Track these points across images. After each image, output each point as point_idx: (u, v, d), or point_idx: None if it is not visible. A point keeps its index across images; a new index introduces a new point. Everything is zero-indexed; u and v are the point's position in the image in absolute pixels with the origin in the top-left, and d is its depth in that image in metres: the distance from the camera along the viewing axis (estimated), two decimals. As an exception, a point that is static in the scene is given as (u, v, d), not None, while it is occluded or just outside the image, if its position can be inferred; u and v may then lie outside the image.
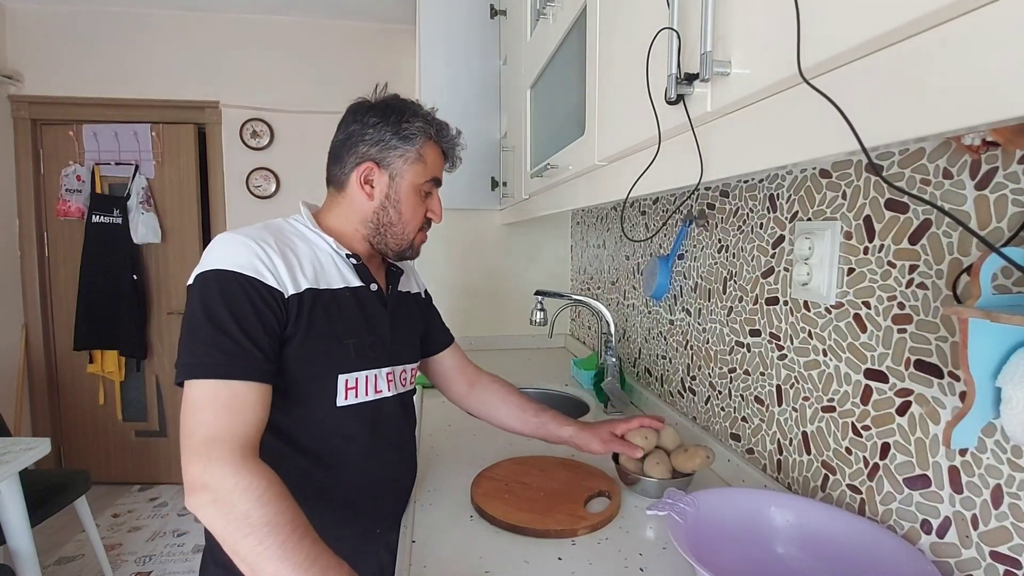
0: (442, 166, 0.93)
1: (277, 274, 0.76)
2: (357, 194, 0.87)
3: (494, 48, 2.05)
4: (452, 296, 2.17)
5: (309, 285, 0.79)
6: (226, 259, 0.73)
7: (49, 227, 3.02)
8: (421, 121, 0.87)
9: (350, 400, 0.83)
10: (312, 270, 0.81)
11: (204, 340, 0.69)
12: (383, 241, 0.89)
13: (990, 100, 0.27)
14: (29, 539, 1.67)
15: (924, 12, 0.29)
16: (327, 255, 0.85)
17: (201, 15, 2.95)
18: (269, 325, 0.74)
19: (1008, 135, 0.44)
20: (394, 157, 0.86)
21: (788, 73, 0.39)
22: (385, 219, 0.88)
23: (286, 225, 0.86)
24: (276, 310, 0.75)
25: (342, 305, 0.82)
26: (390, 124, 0.85)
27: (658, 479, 0.93)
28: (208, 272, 0.73)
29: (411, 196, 0.88)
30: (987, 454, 0.56)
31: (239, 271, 0.73)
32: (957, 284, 0.59)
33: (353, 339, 0.83)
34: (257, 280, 0.73)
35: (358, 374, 0.84)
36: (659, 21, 0.56)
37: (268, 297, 0.74)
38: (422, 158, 0.87)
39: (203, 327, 0.70)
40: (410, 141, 0.86)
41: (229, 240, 0.76)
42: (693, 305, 1.19)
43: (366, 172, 0.86)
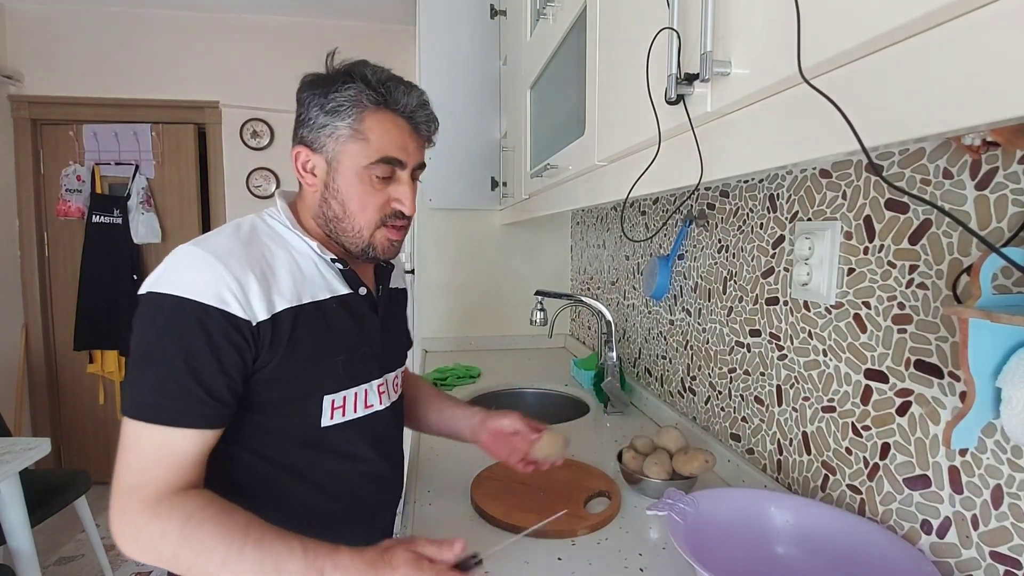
0: (404, 141, 0.73)
1: (246, 299, 0.66)
2: (304, 185, 0.76)
3: (494, 48, 2.05)
4: (452, 296, 2.17)
5: (287, 304, 0.69)
6: (185, 284, 0.64)
7: (49, 227, 3.03)
8: (354, 87, 0.70)
9: (336, 419, 0.75)
10: (291, 283, 0.71)
11: (146, 377, 0.62)
12: (338, 239, 0.77)
13: (990, 100, 0.27)
14: (29, 539, 1.67)
15: (924, 12, 0.29)
16: (309, 260, 0.75)
17: (201, 15, 2.95)
18: (230, 362, 0.65)
19: (1008, 135, 0.44)
20: (324, 137, 0.72)
21: (788, 73, 0.39)
22: (329, 212, 0.75)
23: (261, 225, 0.75)
24: (240, 343, 0.65)
25: (329, 318, 0.74)
26: (316, 97, 0.71)
27: (658, 480, 0.93)
28: (163, 297, 0.63)
29: (356, 184, 0.72)
30: (987, 454, 0.56)
31: (199, 300, 0.63)
32: (957, 284, 0.59)
33: (342, 355, 0.75)
34: (218, 310, 0.64)
35: (346, 392, 0.76)
36: (659, 21, 0.56)
37: (230, 330, 0.64)
38: (360, 134, 0.71)
39: (148, 362, 0.63)
40: (338, 115, 0.70)
41: (192, 259, 0.65)
42: (693, 305, 1.19)
43: (302, 158, 0.74)
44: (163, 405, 0.62)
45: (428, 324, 2.17)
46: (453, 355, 2.05)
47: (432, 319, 2.17)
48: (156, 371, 0.62)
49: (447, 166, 2.07)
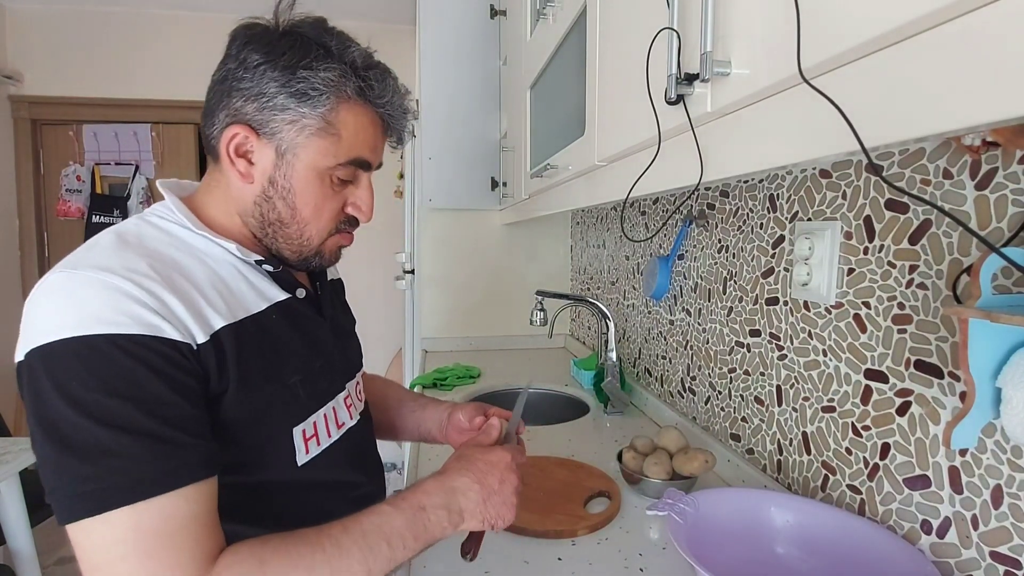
0: (376, 141, 0.62)
1: (175, 318, 0.50)
2: (230, 172, 0.59)
3: (494, 48, 2.05)
4: (452, 296, 2.17)
5: (224, 322, 0.54)
6: (82, 318, 0.46)
7: (49, 227, 3.03)
8: (333, 69, 0.56)
9: (312, 452, 0.62)
10: (219, 296, 0.55)
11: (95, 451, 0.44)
12: (274, 244, 0.62)
13: (990, 100, 0.27)
14: (29, 539, 1.67)
15: (924, 12, 0.29)
16: (228, 267, 0.59)
17: (201, 15, 2.95)
18: (190, 394, 0.50)
19: (1008, 135, 0.44)
20: (281, 123, 0.56)
21: (788, 73, 0.39)
22: (272, 215, 0.60)
23: (150, 231, 0.57)
24: (192, 369, 0.51)
25: (273, 334, 0.59)
26: (278, 69, 0.55)
27: (658, 480, 0.93)
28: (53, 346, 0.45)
29: (312, 185, 0.59)
30: (987, 454, 0.56)
31: (114, 332, 0.46)
32: (957, 284, 0.59)
33: (298, 375, 0.61)
34: (149, 338, 0.48)
35: (315, 417, 0.63)
36: (659, 21, 0.56)
37: (175, 356, 0.49)
38: (331, 128, 0.57)
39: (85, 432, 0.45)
40: (309, 100, 0.55)
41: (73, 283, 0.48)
42: (693, 305, 1.19)
43: (236, 140, 0.57)
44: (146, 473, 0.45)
45: (428, 324, 2.17)
46: (453, 355, 2.05)
47: (432, 319, 2.17)
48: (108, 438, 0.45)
49: (447, 166, 2.07)
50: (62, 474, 0.45)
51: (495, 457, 0.62)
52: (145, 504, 0.45)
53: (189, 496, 0.47)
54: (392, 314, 3.24)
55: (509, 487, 0.61)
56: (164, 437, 0.47)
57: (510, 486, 0.61)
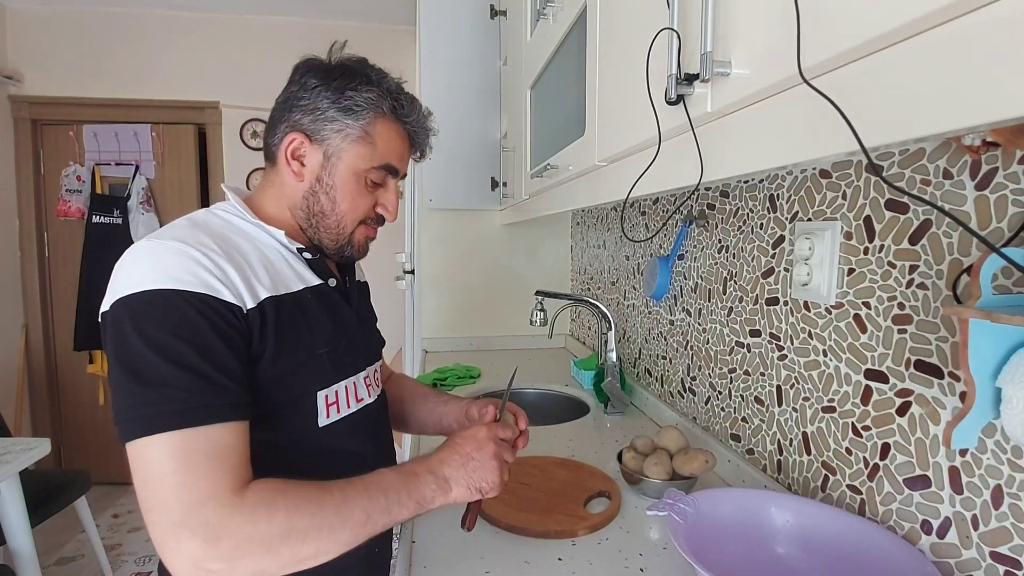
0: (403, 152, 0.76)
1: (232, 285, 0.61)
2: (285, 171, 0.73)
3: (494, 48, 2.05)
4: (452, 296, 2.17)
5: (268, 293, 0.65)
6: (160, 276, 0.57)
7: (49, 227, 3.03)
8: (373, 91, 0.71)
9: (332, 417, 0.72)
10: (266, 273, 0.67)
11: (158, 382, 0.55)
12: (316, 234, 0.75)
13: (990, 100, 0.27)
14: (29, 539, 1.67)
15: (924, 12, 0.29)
16: (275, 251, 0.71)
17: (201, 15, 2.95)
18: (237, 348, 0.61)
19: (1008, 135, 0.44)
20: (331, 132, 0.71)
21: (788, 73, 0.39)
22: (316, 207, 0.73)
23: (214, 219, 0.69)
24: (241, 330, 0.61)
25: (307, 310, 0.70)
26: (331, 90, 0.70)
27: (658, 480, 0.93)
28: (137, 296, 0.57)
29: (350, 183, 0.72)
30: (987, 454, 0.56)
31: (185, 288, 0.57)
32: (957, 284, 0.59)
33: (325, 348, 0.71)
34: (211, 297, 0.59)
35: (337, 386, 0.72)
36: (659, 21, 0.56)
37: (230, 316, 0.60)
38: (369, 138, 0.71)
39: (154, 366, 0.55)
40: (353, 114, 0.70)
41: (157, 250, 0.59)
42: (693, 305, 1.19)
43: (294, 145, 0.71)
44: (199, 404, 0.55)
45: (428, 324, 2.17)
46: (453, 355, 2.05)
47: (432, 319, 2.17)
48: (170, 372, 0.55)
49: (447, 166, 2.07)
50: (132, 399, 0.55)
51: (472, 431, 0.73)
52: (195, 429, 0.54)
53: (230, 429, 0.57)
54: (392, 314, 3.24)
55: (485, 452, 0.70)
56: (213, 378, 0.57)
57: (486, 451, 0.70)
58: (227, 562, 0.52)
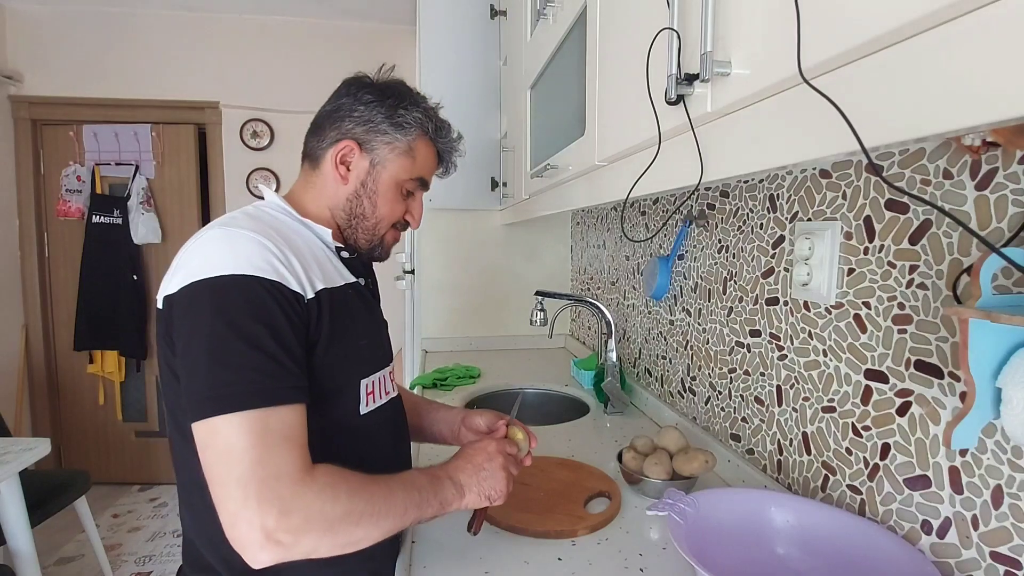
0: (433, 168, 0.86)
1: (297, 275, 0.66)
2: (330, 174, 0.78)
3: (494, 48, 2.05)
4: (452, 296, 2.17)
5: (322, 285, 0.70)
6: (240, 261, 0.62)
7: (49, 227, 3.03)
8: (420, 112, 0.80)
9: (370, 406, 0.77)
10: (317, 267, 0.72)
11: (237, 364, 0.58)
12: (353, 234, 0.81)
13: (990, 100, 0.27)
14: (29, 539, 1.67)
15: (924, 12, 0.29)
16: (320, 249, 0.76)
17: (201, 15, 2.95)
18: (301, 336, 0.65)
19: (1008, 135, 0.44)
20: (380, 143, 0.78)
21: (788, 73, 0.39)
22: (359, 209, 0.79)
23: (266, 215, 0.74)
24: (305, 317, 0.66)
25: (349, 305, 0.75)
26: (385, 106, 0.78)
27: (658, 480, 0.93)
28: (222, 279, 0.60)
29: (391, 190, 0.80)
30: (987, 454, 0.56)
31: (261, 275, 0.62)
32: (957, 284, 0.59)
33: (365, 338, 0.77)
34: (282, 285, 0.63)
35: (374, 376, 0.78)
36: (659, 21, 0.56)
37: (296, 304, 0.65)
38: (412, 152, 0.80)
39: (233, 347, 0.58)
40: (403, 130, 0.78)
41: (234, 237, 0.64)
42: (693, 305, 1.19)
43: (344, 151, 0.77)
44: (275, 386, 0.59)
45: (428, 324, 2.17)
46: (453, 355, 2.05)
47: (432, 319, 2.17)
48: (250, 355, 0.59)
49: (447, 166, 2.06)
50: (208, 378, 0.58)
51: (483, 443, 0.78)
52: (271, 409, 0.58)
53: (298, 411, 0.61)
54: (392, 314, 3.24)
55: (495, 463, 0.74)
56: (284, 362, 0.61)
57: (496, 463, 0.74)
58: (294, 535, 0.56)
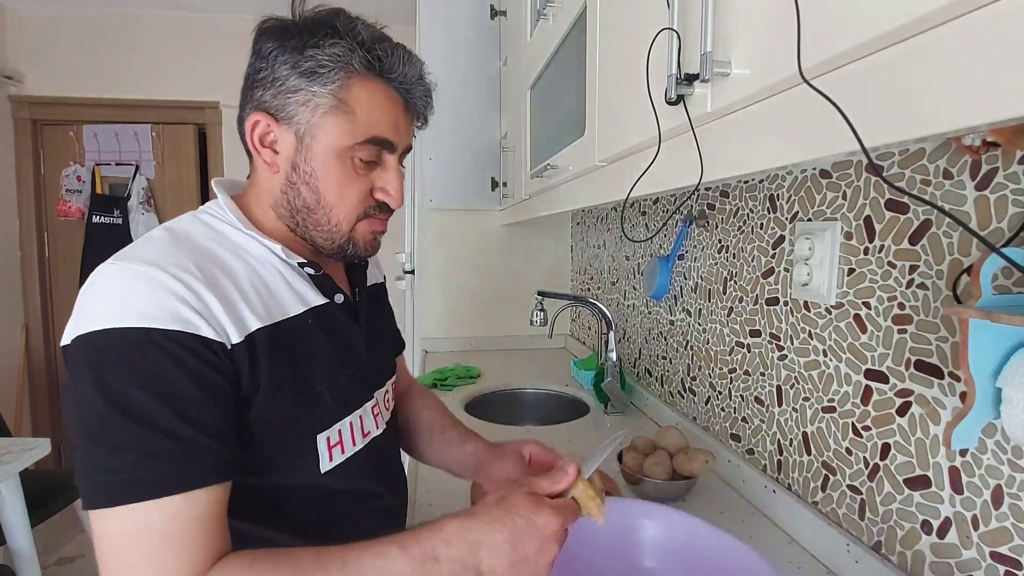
0: (396, 119, 0.60)
1: (212, 316, 0.51)
2: (258, 163, 0.61)
3: (494, 48, 2.05)
4: (452, 296, 2.17)
5: (259, 323, 0.55)
6: (125, 311, 0.48)
7: (49, 227, 3.03)
8: (340, 45, 0.55)
9: (336, 460, 0.62)
10: (258, 298, 0.56)
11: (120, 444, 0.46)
12: (307, 234, 0.62)
13: (990, 100, 0.27)
14: (29, 539, 1.67)
15: (924, 12, 0.29)
16: (271, 267, 0.60)
17: (201, 15, 2.95)
18: (218, 392, 0.51)
19: (1008, 136, 0.44)
20: (296, 105, 0.56)
21: (788, 73, 0.39)
22: (298, 201, 0.60)
23: (200, 229, 0.58)
24: (224, 368, 0.51)
25: (307, 340, 0.60)
26: (288, 51, 0.55)
27: (658, 480, 0.93)
28: (97, 336, 0.47)
29: (333, 166, 0.58)
30: (987, 455, 0.56)
31: (154, 326, 0.48)
32: (957, 284, 0.59)
33: (327, 380, 0.61)
34: (186, 335, 0.49)
35: (340, 425, 0.62)
36: (659, 21, 0.56)
37: (208, 355, 0.50)
38: (344, 106, 0.57)
39: (112, 426, 0.46)
40: (317, 78, 0.55)
41: (123, 277, 0.50)
42: (693, 305, 1.19)
43: (259, 129, 0.59)
44: (161, 470, 0.47)
45: (428, 324, 2.17)
46: (453, 355, 2.05)
47: (432, 319, 2.17)
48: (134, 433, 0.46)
49: (447, 166, 2.07)
50: (86, 460, 0.47)
51: (543, 520, 0.50)
52: (153, 503, 0.46)
53: (198, 498, 0.48)
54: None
55: (544, 559, 0.50)
56: (183, 436, 0.48)
57: (546, 558, 0.50)
58: None
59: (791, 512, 0.85)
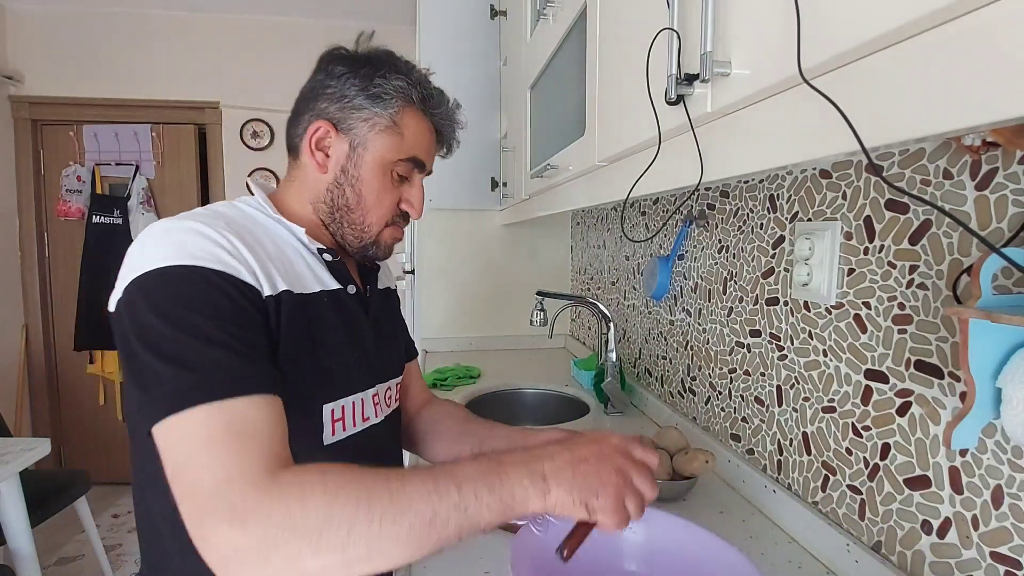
0: (430, 146, 0.73)
1: (251, 269, 0.58)
2: (309, 164, 0.69)
3: (494, 48, 2.05)
4: (452, 296, 2.17)
5: (285, 286, 0.61)
6: (175, 253, 0.54)
7: (49, 227, 3.03)
8: (402, 80, 0.68)
9: (338, 435, 0.66)
10: (283, 268, 0.63)
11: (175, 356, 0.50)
12: (340, 230, 0.71)
13: (990, 100, 0.27)
14: (29, 539, 1.67)
15: (924, 12, 0.29)
16: (294, 250, 0.67)
17: (201, 16, 2.95)
18: (260, 329, 0.57)
19: (1008, 135, 0.44)
20: (357, 120, 0.68)
21: (788, 74, 0.39)
22: (340, 200, 0.69)
23: (234, 211, 0.65)
24: (262, 310, 0.58)
25: (320, 315, 0.66)
26: (359, 77, 0.67)
27: (658, 480, 0.93)
28: (150, 274, 0.53)
29: (377, 175, 0.69)
30: (987, 455, 0.56)
31: (201, 264, 0.54)
32: (957, 284, 0.59)
33: (336, 358, 0.66)
34: (230, 275, 0.55)
35: (344, 401, 0.67)
36: (659, 21, 0.56)
37: (250, 294, 0.57)
38: (397, 128, 0.68)
39: (169, 339, 0.51)
40: (380, 102, 0.67)
41: (171, 230, 0.56)
42: (693, 305, 1.19)
43: (318, 134, 0.68)
44: (224, 376, 0.50)
45: (428, 324, 2.17)
46: (453, 355, 2.05)
47: (432, 319, 2.17)
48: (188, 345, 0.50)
49: (447, 166, 2.04)
50: (152, 377, 0.50)
51: (598, 435, 0.57)
52: (219, 403, 0.49)
53: (259, 404, 0.51)
54: (392, 314, 3.24)
55: (609, 464, 0.53)
56: (236, 349, 0.52)
57: (610, 463, 0.53)
58: (258, 552, 0.44)
59: (791, 512, 0.85)
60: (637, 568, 0.68)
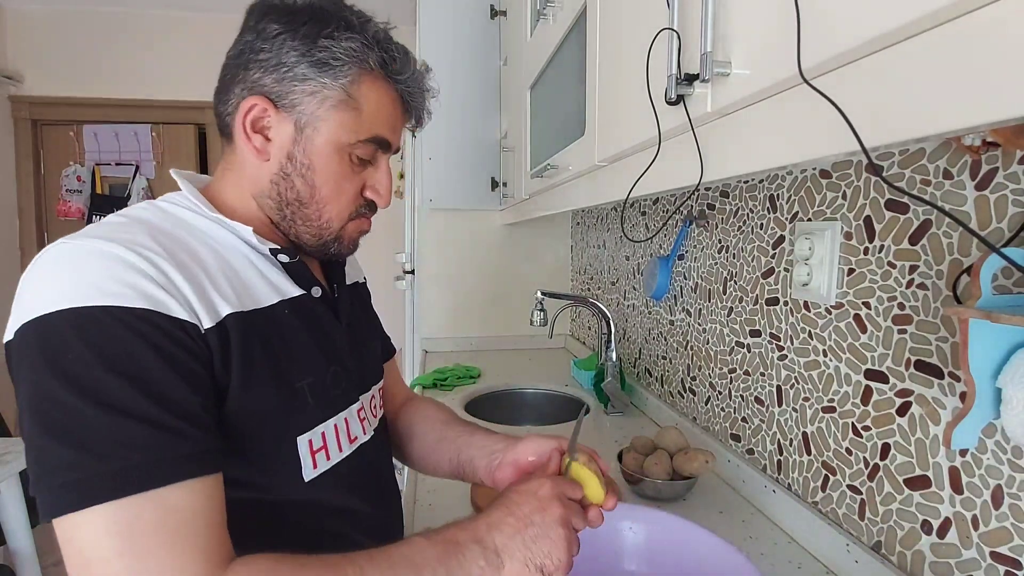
0: (395, 120, 0.59)
1: (181, 297, 0.46)
2: (245, 149, 0.56)
3: (494, 48, 2.05)
4: (452, 296, 2.17)
5: (230, 308, 0.49)
6: (82, 289, 0.42)
7: (49, 227, 3.03)
8: (355, 39, 0.53)
9: (321, 467, 0.56)
10: (228, 284, 0.51)
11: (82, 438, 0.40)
12: (293, 228, 0.58)
13: (990, 100, 0.27)
14: (29, 539, 1.67)
15: (924, 12, 0.29)
16: (240, 256, 0.55)
17: (201, 16, 2.95)
18: (196, 378, 0.45)
19: (1008, 135, 0.44)
20: (301, 94, 0.54)
21: (788, 74, 0.39)
22: (290, 194, 0.56)
23: (158, 214, 0.52)
24: (200, 353, 0.46)
25: (283, 331, 0.54)
26: (298, 38, 0.52)
27: (658, 480, 0.93)
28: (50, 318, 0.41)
29: (332, 161, 0.56)
30: (987, 455, 0.56)
31: (117, 304, 0.42)
32: (957, 284, 0.59)
33: (308, 378, 0.56)
34: (155, 313, 0.43)
35: (323, 427, 0.57)
36: (659, 21, 0.56)
37: (181, 336, 0.45)
38: (352, 101, 0.55)
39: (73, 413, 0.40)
40: (329, 70, 0.53)
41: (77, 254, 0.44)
42: (693, 305, 1.19)
43: (253, 113, 0.55)
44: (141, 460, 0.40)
45: (428, 324, 2.17)
46: (453, 355, 2.05)
47: (432, 319, 2.17)
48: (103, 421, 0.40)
49: (447, 166, 2.07)
50: (49, 460, 0.40)
51: (531, 485, 0.53)
52: (142, 496, 0.40)
53: (192, 489, 0.42)
54: (392, 314, 3.24)
55: (551, 517, 0.51)
56: (165, 423, 0.42)
57: (552, 515, 0.51)
58: None
59: (791, 512, 0.85)
60: (637, 568, 0.68)
